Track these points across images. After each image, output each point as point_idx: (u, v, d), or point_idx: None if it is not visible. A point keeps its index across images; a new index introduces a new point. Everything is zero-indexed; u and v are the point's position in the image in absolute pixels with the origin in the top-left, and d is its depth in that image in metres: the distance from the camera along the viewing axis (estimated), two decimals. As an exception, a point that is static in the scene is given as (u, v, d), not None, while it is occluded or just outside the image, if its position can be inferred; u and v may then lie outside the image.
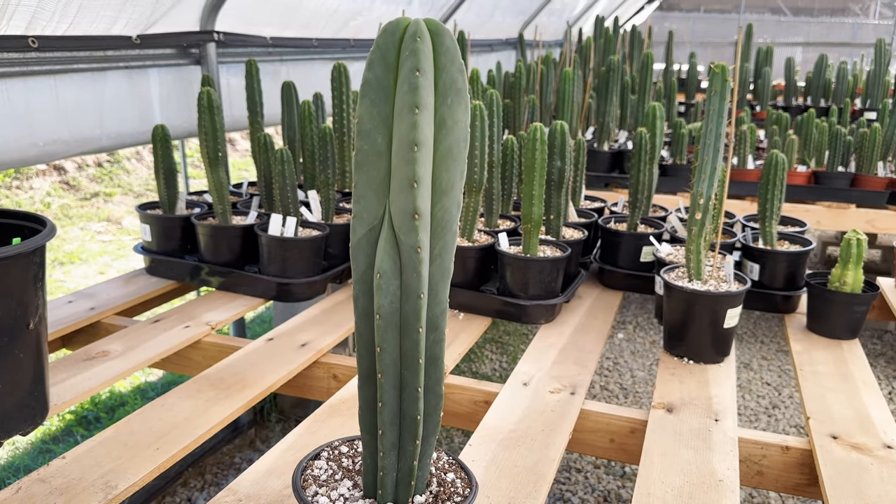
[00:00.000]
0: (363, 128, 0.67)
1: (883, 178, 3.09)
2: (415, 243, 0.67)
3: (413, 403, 0.74)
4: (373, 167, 0.67)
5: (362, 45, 3.29)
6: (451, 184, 0.69)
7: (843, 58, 5.96)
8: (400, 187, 0.66)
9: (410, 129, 0.64)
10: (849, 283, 1.80)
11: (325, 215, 2.13)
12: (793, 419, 2.89)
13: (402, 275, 0.70)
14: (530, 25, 5.37)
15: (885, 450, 1.34)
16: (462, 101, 0.67)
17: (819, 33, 8.86)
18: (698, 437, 1.37)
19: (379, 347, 0.71)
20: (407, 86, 0.63)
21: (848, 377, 1.63)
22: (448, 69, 0.65)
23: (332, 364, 1.66)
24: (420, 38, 0.63)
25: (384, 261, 0.68)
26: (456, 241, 0.72)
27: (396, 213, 0.67)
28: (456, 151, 0.68)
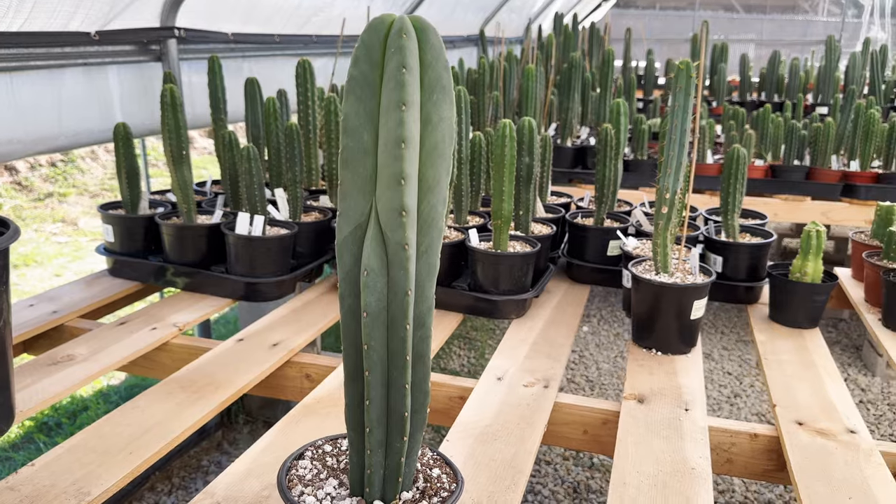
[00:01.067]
0: (349, 125, 0.66)
1: (837, 171, 3.18)
2: (402, 240, 0.67)
3: (400, 400, 0.74)
4: (359, 164, 0.67)
5: (325, 41, 3.26)
6: (437, 180, 0.69)
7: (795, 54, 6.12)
8: (387, 184, 0.66)
9: (397, 126, 0.64)
10: (809, 273, 1.85)
11: (293, 213, 2.11)
12: (754, 407, 2.97)
13: (388, 272, 0.70)
14: (491, 22, 5.39)
15: (848, 434, 1.38)
16: (448, 97, 0.67)
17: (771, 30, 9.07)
18: (670, 426, 1.40)
19: (366, 345, 0.71)
20: (393, 83, 0.63)
21: (811, 365, 1.68)
22: (434, 66, 0.66)
23: (304, 364, 1.65)
24: (406, 34, 0.63)
25: (371, 258, 0.68)
26: (442, 237, 0.73)
27: (383, 210, 0.67)
28: (442, 148, 0.68)
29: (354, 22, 3.18)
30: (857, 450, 1.33)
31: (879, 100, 4.77)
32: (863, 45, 5.57)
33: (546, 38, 3.98)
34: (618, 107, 2.17)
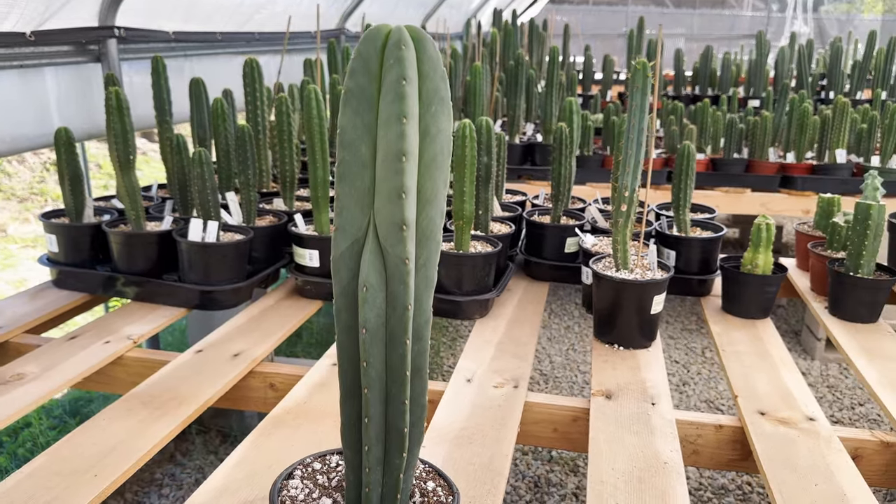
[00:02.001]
0: (346, 138, 0.65)
1: (774, 162, 3.30)
2: (402, 254, 0.66)
3: (400, 416, 0.72)
4: (356, 178, 0.65)
5: (268, 38, 3.19)
6: (436, 193, 0.68)
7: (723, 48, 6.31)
8: (387, 198, 0.65)
9: (398, 139, 0.62)
10: (760, 265, 1.91)
11: (247, 217, 2.06)
12: (703, 395, 3.05)
13: (387, 287, 0.68)
14: (432, 18, 5.38)
15: (808, 422, 1.43)
16: (445, 109, 0.66)
17: (700, 25, 9.34)
18: (639, 421, 1.42)
19: (365, 362, 0.69)
20: (393, 95, 0.62)
21: (766, 355, 1.73)
22: (431, 77, 0.64)
23: (268, 373, 1.61)
24: (405, 45, 0.62)
25: (370, 274, 0.67)
26: (440, 249, 0.72)
27: (383, 225, 0.66)
28: (440, 160, 0.67)
29: (298, 19, 3.12)
30: (817, 437, 1.38)
31: (808, 93, 4.96)
32: (789, 40, 5.78)
33: (490, 35, 3.99)
34: (570, 105, 2.19)
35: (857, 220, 1.87)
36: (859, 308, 1.89)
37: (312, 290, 1.95)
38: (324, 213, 1.96)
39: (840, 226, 2.05)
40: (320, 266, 1.93)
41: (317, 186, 1.92)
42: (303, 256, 1.94)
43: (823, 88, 5.38)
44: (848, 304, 1.90)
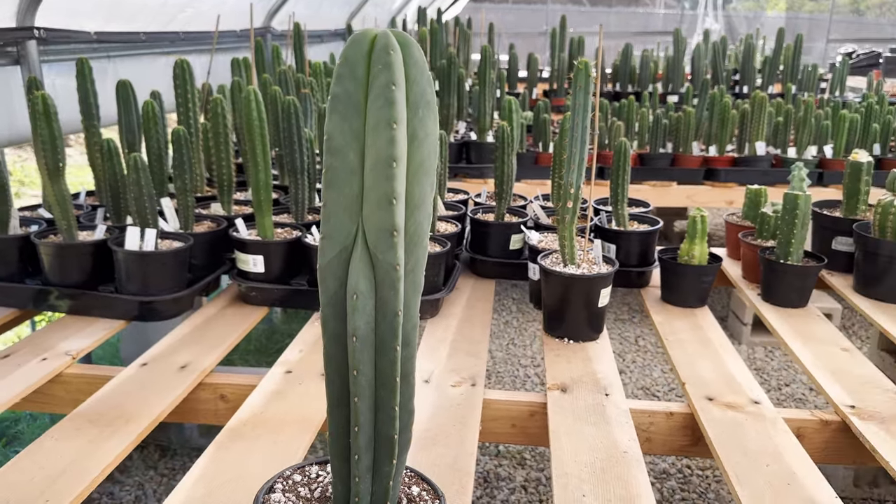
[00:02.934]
0: (333, 144, 0.63)
1: (698, 156, 3.43)
2: (393, 260, 0.65)
3: (389, 423, 0.72)
4: (345, 185, 0.64)
5: (193, 38, 3.10)
6: (423, 198, 0.67)
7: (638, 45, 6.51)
8: (377, 204, 0.64)
9: (388, 145, 0.62)
10: (696, 256, 1.98)
11: (185, 224, 1.99)
12: (638, 382, 3.15)
13: (377, 293, 0.67)
14: (357, 16, 5.34)
15: (753, 405, 1.50)
16: (432, 113, 0.66)
17: (617, 22, 9.60)
18: (595, 412, 1.46)
19: (355, 370, 0.68)
20: (382, 100, 0.61)
21: (707, 342, 1.80)
22: (418, 81, 0.64)
23: (218, 384, 1.57)
24: (393, 50, 0.61)
25: (360, 281, 0.66)
26: (427, 254, 0.71)
27: (372, 231, 0.65)
28: (427, 164, 0.66)
29: (223, 17, 3.04)
30: (763, 419, 1.44)
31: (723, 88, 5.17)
32: (703, 36, 6.01)
33: (419, 33, 3.99)
34: (510, 104, 2.22)
35: (786, 209, 1.97)
36: (790, 293, 1.98)
37: (258, 296, 1.91)
38: (266, 216, 1.92)
39: (769, 216, 2.15)
40: (265, 271, 1.89)
41: (258, 190, 1.88)
42: (246, 262, 1.90)
43: (737, 83, 5.62)
44: (779, 291, 2.00)
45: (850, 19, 10.46)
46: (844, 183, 2.24)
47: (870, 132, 3.39)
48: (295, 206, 2.13)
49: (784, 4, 11.51)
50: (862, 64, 7.58)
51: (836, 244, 2.21)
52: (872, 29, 9.77)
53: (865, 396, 1.52)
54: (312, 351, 1.68)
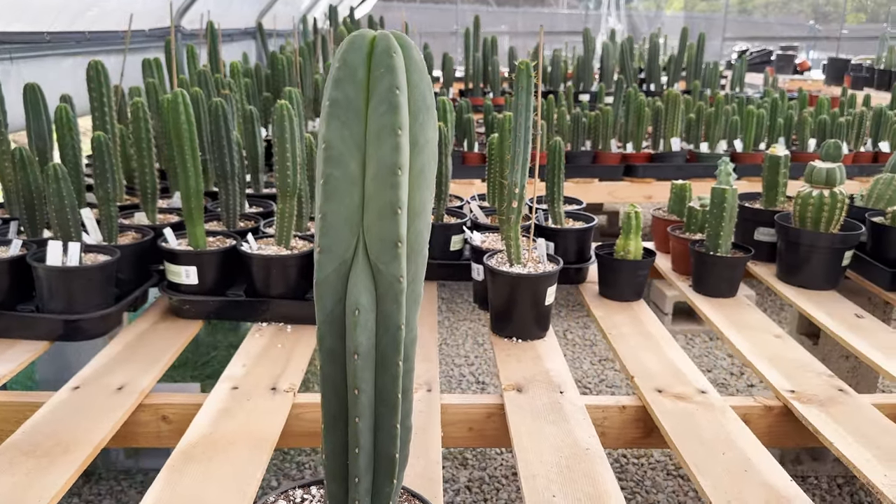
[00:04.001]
0: (333, 153, 0.60)
1: (617, 153, 3.52)
2: (397, 272, 0.62)
3: (390, 442, 0.69)
4: (345, 195, 0.61)
5: (100, 38, 2.93)
6: (424, 205, 0.65)
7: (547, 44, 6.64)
8: (380, 214, 0.61)
9: (392, 152, 0.59)
10: (632, 251, 2.03)
11: (108, 236, 1.88)
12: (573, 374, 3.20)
13: (378, 307, 0.64)
14: (268, 14, 5.20)
15: (701, 395, 1.54)
16: (432, 118, 0.63)
17: (524, 22, 9.77)
18: (553, 410, 1.46)
19: (356, 389, 0.65)
20: (386, 105, 0.58)
21: (648, 335, 1.84)
22: (419, 85, 0.61)
23: (159, 405, 1.48)
24: (395, 53, 0.58)
25: (361, 295, 0.63)
26: (426, 264, 0.69)
27: (375, 243, 0.62)
28: (428, 171, 0.64)
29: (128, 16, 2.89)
30: (712, 408, 1.49)
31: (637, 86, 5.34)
32: (610, 36, 6.19)
33: (338, 32, 3.92)
34: (444, 104, 2.20)
35: (714, 203, 2.04)
36: (721, 284, 2.06)
37: (191, 309, 1.82)
38: (198, 225, 1.83)
39: (696, 209, 2.22)
40: (199, 283, 1.81)
41: (189, 197, 1.79)
42: (178, 274, 1.81)
43: (643, 81, 5.82)
44: (710, 281, 2.07)
45: (740, 19, 11.03)
46: (764, 176, 2.35)
47: (775, 127, 3.58)
48: (226, 213, 2.04)
49: (679, 4, 12.02)
50: (756, 61, 8.00)
51: (758, 235, 2.32)
52: (762, 28, 10.34)
53: (802, 381, 1.59)
54: (257, 364, 1.62)
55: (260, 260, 1.78)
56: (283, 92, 1.99)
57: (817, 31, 10.75)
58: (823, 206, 2.06)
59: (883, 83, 6.20)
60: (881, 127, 3.59)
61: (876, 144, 3.61)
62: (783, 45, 8.62)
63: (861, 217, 2.21)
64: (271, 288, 1.80)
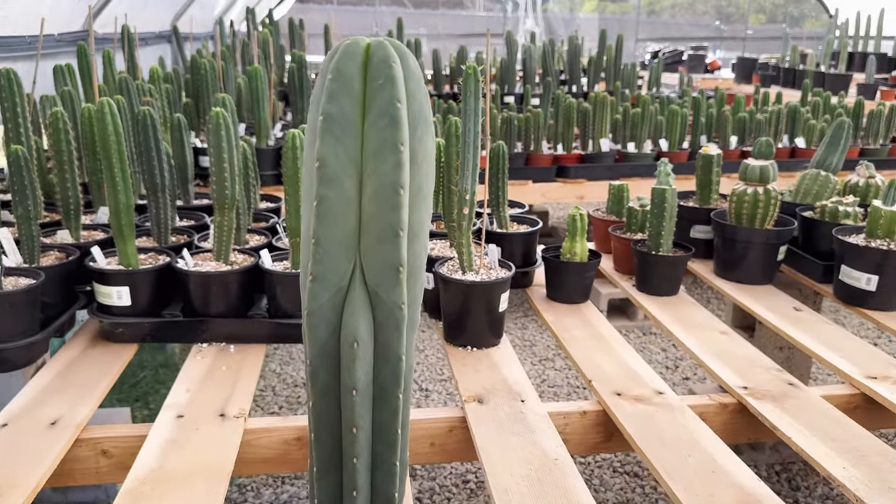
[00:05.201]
0: (327, 171, 0.54)
1: (549, 155, 3.54)
2: (398, 299, 0.58)
3: (389, 481, 0.64)
4: (340, 217, 0.56)
5: (5, 43, 2.73)
6: (422, 225, 0.60)
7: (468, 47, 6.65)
8: (380, 237, 0.56)
9: (394, 170, 0.54)
10: (578, 253, 2.03)
11: (30, 257, 1.74)
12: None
13: (377, 337, 0.59)
14: (183, 17, 5.00)
15: (659, 396, 1.55)
16: (430, 131, 0.58)
17: (444, 25, 9.77)
18: (516, 420, 1.44)
19: (355, 427, 0.60)
20: (387, 119, 0.53)
21: (600, 337, 1.84)
22: (416, 96, 0.57)
23: (97, 439, 1.38)
24: (395, 62, 0.53)
25: (360, 326, 0.57)
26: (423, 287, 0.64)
27: (374, 268, 0.57)
28: (426, 188, 0.59)
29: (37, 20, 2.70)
30: (671, 409, 1.49)
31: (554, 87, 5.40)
32: (530, 38, 6.26)
33: (261, 35, 3.80)
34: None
35: (655, 203, 2.07)
36: (664, 283, 2.09)
37: (125, 332, 1.70)
38: (129, 242, 1.72)
39: (636, 210, 2.25)
40: (132, 304, 1.70)
41: (119, 213, 1.68)
42: (108, 295, 1.69)
43: (563, 83, 5.90)
44: (653, 280, 2.09)
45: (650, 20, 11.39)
46: (697, 175, 2.40)
47: (698, 125, 3.68)
48: (157, 229, 1.93)
49: (591, 6, 12.30)
50: (668, 61, 8.26)
51: (694, 232, 2.36)
52: (673, 28, 10.70)
53: (753, 377, 1.63)
54: (202, 389, 1.52)
55: (198, 277, 1.69)
56: (216, 98, 1.90)
57: (722, 32, 11.21)
58: (758, 203, 2.11)
59: (788, 81, 6.51)
60: (796, 123, 3.75)
61: (792, 140, 3.76)
62: (694, 46, 8.93)
63: (791, 212, 2.29)
64: (211, 306, 1.71)
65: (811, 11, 12.79)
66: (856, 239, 1.97)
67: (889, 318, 1.90)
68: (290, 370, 3.18)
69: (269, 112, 3.14)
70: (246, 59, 4.57)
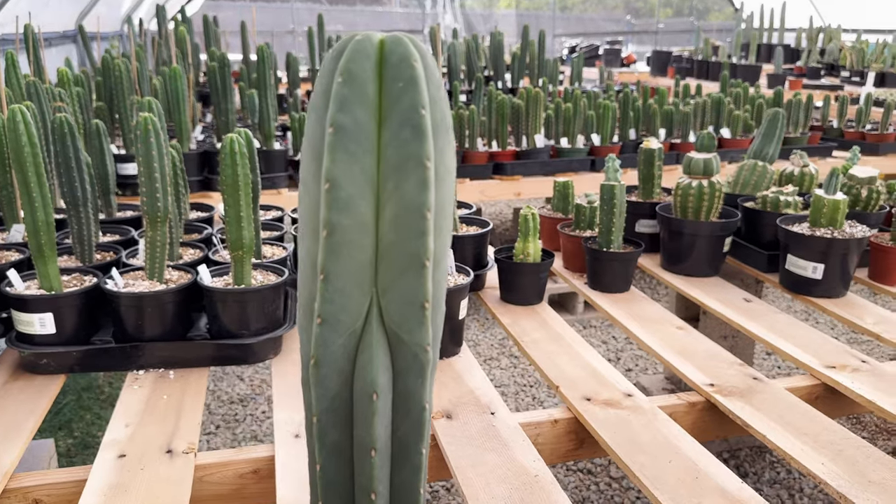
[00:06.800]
0: (340, 195, 0.45)
1: (485, 152, 3.49)
2: (423, 340, 0.49)
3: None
4: (355, 248, 0.47)
5: None
6: (445, 250, 0.52)
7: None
8: (402, 269, 0.47)
9: (419, 190, 0.46)
10: (531, 253, 1.98)
11: (-66, 285, 1.55)
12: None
13: (396, 386, 0.51)
14: (89, 16, 4.70)
15: (629, 399, 1.51)
16: (451, 142, 0.50)
17: (364, 22, 9.61)
18: (489, 436, 1.37)
19: (373, 493, 0.51)
20: (410, 130, 0.45)
21: (559, 339, 1.80)
22: (437, 101, 0.48)
23: (28, 487, 1.23)
24: (416, 61, 0.45)
25: (379, 374, 0.49)
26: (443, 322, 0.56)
27: (394, 305, 0.48)
28: (448, 208, 0.51)
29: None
30: (643, 412, 1.46)
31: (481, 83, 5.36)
32: (452, 35, 6.21)
33: (177, 33, 3.60)
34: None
35: (604, 200, 2.04)
36: (617, 280, 2.06)
37: (51, 363, 1.54)
38: (51, 263, 1.55)
39: (584, 206, 2.22)
40: (57, 332, 1.54)
41: (38, 231, 1.52)
42: (30, 323, 1.53)
43: (488, 79, 5.88)
44: (606, 277, 2.07)
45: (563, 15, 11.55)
46: (640, 169, 2.39)
47: (626, 119, 3.71)
48: (79, 246, 1.76)
49: (506, 2, 12.38)
50: (585, 56, 8.37)
51: (639, 226, 2.35)
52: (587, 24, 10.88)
53: (718, 373, 1.61)
54: (143, 422, 1.39)
55: (130, 299, 1.54)
56: (143, 102, 1.74)
57: (633, 26, 11.49)
58: (703, 196, 2.12)
59: (702, 73, 6.70)
60: (720, 114, 3.83)
61: (717, 131, 3.84)
62: (609, 40, 9.09)
63: (732, 203, 2.31)
64: (146, 329, 1.57)
65: (715, 4, 13.28)
66: (800, 228, 1.99)
67: (835, 305, 1.93)
68: (225, 386, 3.02)
69: (189, 115, 2.97)
70: (159, 58, 4.34)
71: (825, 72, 6.68)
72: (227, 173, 1.51)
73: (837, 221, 1.95)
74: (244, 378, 3.07)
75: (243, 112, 3.71)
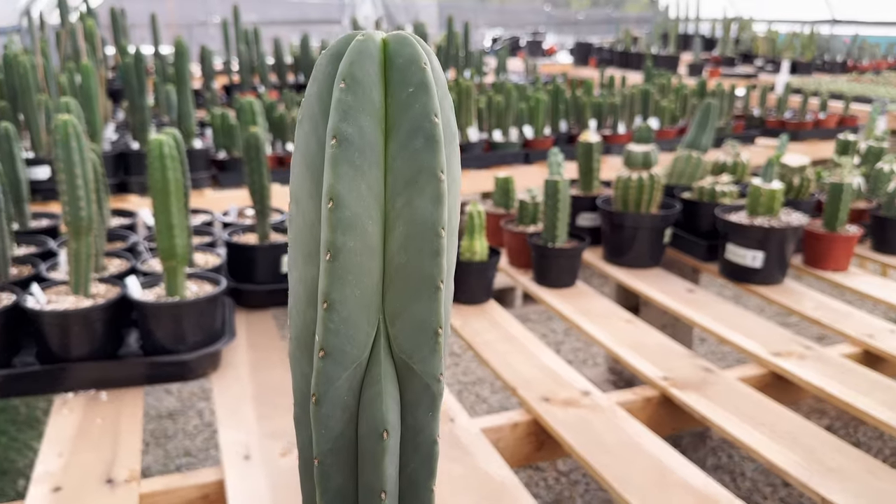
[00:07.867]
0: (346, 215, 0.39)
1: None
2: (435, 370, 0.44)
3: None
4: (363, 273, 0.41)
5: None
6: (452, 268, 0.46)
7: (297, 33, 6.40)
8: (414, 294, 0.41)
9: (434, 205, 0.40)
10: (478, 251, 1.94)
11: None
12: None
13: (405, 420, 0.45)
14: (-16, 7, 4.37)
15: (587, 397, 1.49)
16: (456, 150, 0.45)
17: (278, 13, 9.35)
18: (451, 445, 1.32)
19: (382, 542, 0.45)
20: (422, 139, 0.39)
21: (511, 338, 1.76)
22: (444, 107, 0.42)
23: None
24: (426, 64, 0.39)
25: (389, 410, 0.43)
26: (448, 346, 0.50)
27: (405, 333, 0.42)
28: (454, 221, 0.46)
29: None
30: (603, 410, 1.44)
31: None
32: (375, 26, 6.11)
33: (86, 27, 3.38)
34: (251, 106, 1.93)
35: (549, 195, 2.02)
36: (563, 275, 2.05)
37: (-36, 390, 1.40)
38: (-40, 281, 1.41)
39: (527, 202, 2.19)
40: (-30, 355, 1.40)
41: (-56, 247, 1.37)
42: (-63, 347, 1.38)
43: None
44: (552, 273, 2.05)
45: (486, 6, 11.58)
46: (579, 162, 2.38)
47: (557, 111, 3.72)
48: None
49: (426, -8, 12.31)
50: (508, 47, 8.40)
51: (580, 220, 2.35)
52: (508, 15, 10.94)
53: (671, 365, 1.61)
54: (77, 450, 1.28)
55: (55, 317, 1.42)
56: (60, 103, 1.61)
57: (553, 17, 11.62)
58: (643, 188, 2.12)
59: (624, 63, 6.82)
60: (647, 105, 3.89)
61: (646, 121, 3.90)
62: (531, 31, 9.16)
63: (669, 194, 2.33)
64: (72, 349, 1.44)
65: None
66: (739, 217, 2.03)
67: (774, 292, 1.97)
68: (152, 401, 2.87)
69: (101, 113, 2.79)
70: (63, 54, 4.07)
71: (740, 60, 6.92)
72: (156, 178, 1.40)
73: (774, 210, 1.99)
74: (172, 391, 2.92)
75: (158, 108, 3.53)
